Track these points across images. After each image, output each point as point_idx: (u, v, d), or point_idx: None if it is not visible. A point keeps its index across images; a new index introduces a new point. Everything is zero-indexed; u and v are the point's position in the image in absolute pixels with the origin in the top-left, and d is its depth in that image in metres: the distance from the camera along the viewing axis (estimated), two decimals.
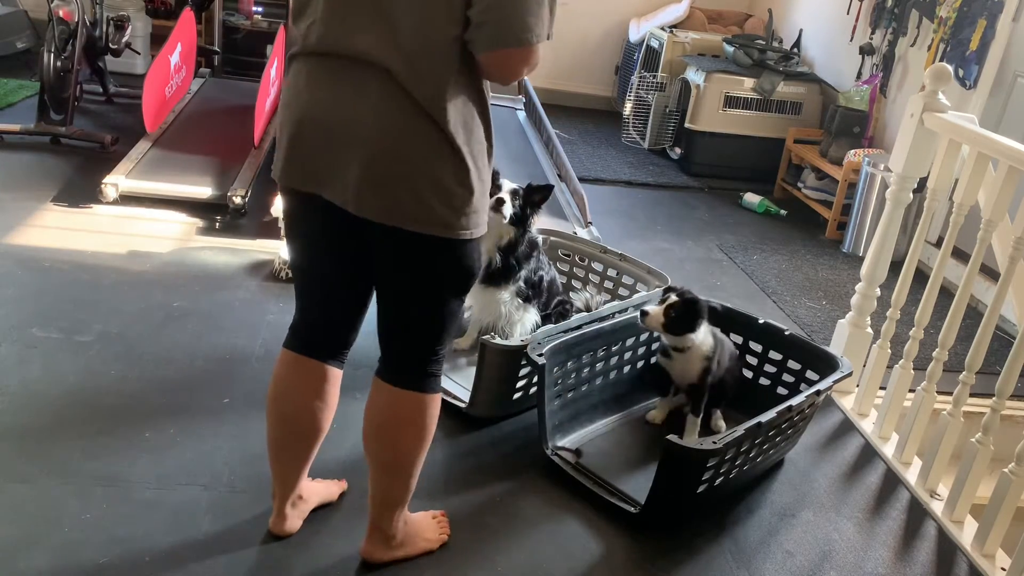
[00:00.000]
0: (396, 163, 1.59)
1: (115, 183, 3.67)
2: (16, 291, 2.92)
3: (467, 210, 1.65)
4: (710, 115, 5.35)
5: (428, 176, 1.60)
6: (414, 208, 1.60)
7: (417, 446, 1.86)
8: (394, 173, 1.59)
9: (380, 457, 1.89)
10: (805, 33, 5.79)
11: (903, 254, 2.83)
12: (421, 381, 1.81)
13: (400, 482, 1.90)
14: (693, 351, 2.48)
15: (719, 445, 2.07)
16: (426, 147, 1.58)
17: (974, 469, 2.39)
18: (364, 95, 1.58)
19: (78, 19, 4.23)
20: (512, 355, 2.44)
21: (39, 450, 2.18)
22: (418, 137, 1.57)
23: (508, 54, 1.56)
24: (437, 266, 1.70)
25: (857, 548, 2.31)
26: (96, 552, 1.90)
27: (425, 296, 1.75)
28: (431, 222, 1.62)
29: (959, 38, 4.36)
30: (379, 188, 1.60)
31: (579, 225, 3.95)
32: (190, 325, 2.86)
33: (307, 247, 1.81)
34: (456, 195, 1.62)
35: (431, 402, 1.83)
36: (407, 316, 1.78)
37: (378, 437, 1.87)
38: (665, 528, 2.25)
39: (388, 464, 1.89)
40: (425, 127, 1.56)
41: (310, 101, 1.63)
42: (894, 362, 2.80)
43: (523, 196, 2.68)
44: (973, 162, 2.49)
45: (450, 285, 1.74)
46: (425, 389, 1.82)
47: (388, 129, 1.57)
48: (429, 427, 1.85)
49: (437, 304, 1.76)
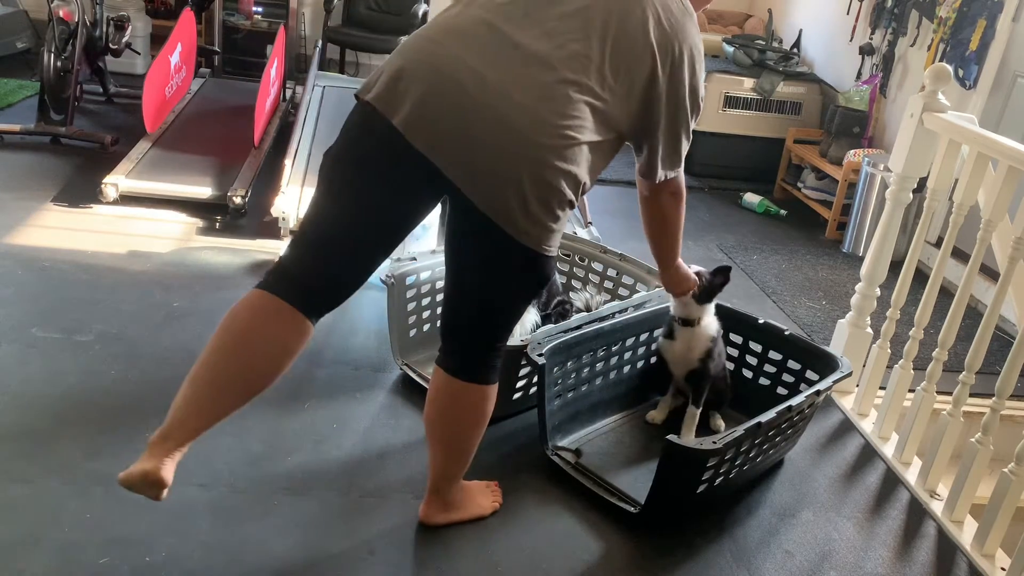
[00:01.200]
0: (532, 165, 1.65)
1: (115, 183, 3.67)
2: (16, 291, 2.92)
3: (559, 228, 1.76)
4: (710, 115, 5.35)
5: (550, 189, 1.68)
6: (523, 215, 1.67)
7: (477, 431, 1.98)
8: (522, 173, 1.65)
9: (442, 439, 2.00)
10: (805, 33, 5.80)
11: (903, 254, 2.83)
12: (484, 374, 1.90)
13: (461, 460, 2.04)
14: (700, 329, 2.51)
15: (719, 445, 2.07)
16: (563, 161, 1.67)
17: (974, 469, 2.39)
18: (532, 88, 1.63)
19: (78, 19, 4.24)
20: (512, 355, 2.44)
21: (39, 450, 2.18)
22: (563, 149, 1.66)
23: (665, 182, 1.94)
24: (521, 273, 1.78)
25: (857, 548, 2.31)
26: (96, 552, 1.90)
27: (501, 298, 1.84)
28: (530, 234, 1.70)
29: (959, 38, 4.36)
30: (502, 182, 1.65)
31: (579, 225, 3.95)
32: (190, 325, 2.86)
33: (362, 186, 1.71)
34: (558, 215, 1.72)
35: (492, 392, 1.94)
36: (479, 313, 1.86)
37: (441, 423, 1.97)
38: (665, 528, 2.25)
39: (449, 445, 2.00)
40: (574, 144, 1.68)
41: (466, 63, 1.63)
42: (894, 362, 2.80)
43: None
44: (973, 162, 2.49)
45: (525, 292, 1.86)
46: (487, 381, 1.92)
47: (541, 131, 1.64)
48: (488, 412, 1.96)
49: (508, 306, 1.86)
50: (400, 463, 2.35)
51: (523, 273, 1.78)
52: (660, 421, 2.68)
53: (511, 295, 1.84)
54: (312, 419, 2.43)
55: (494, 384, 1.93)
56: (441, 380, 1.92)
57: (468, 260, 1.82)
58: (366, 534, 2.07)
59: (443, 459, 2.03)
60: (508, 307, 1.87)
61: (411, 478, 2.28)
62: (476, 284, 1.82)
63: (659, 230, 2.10)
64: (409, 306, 2.75)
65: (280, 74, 4.78)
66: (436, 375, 1.93)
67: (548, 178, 1.66)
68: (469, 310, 1.86)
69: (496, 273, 1.79)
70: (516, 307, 1.88)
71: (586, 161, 1.73)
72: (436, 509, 2.11)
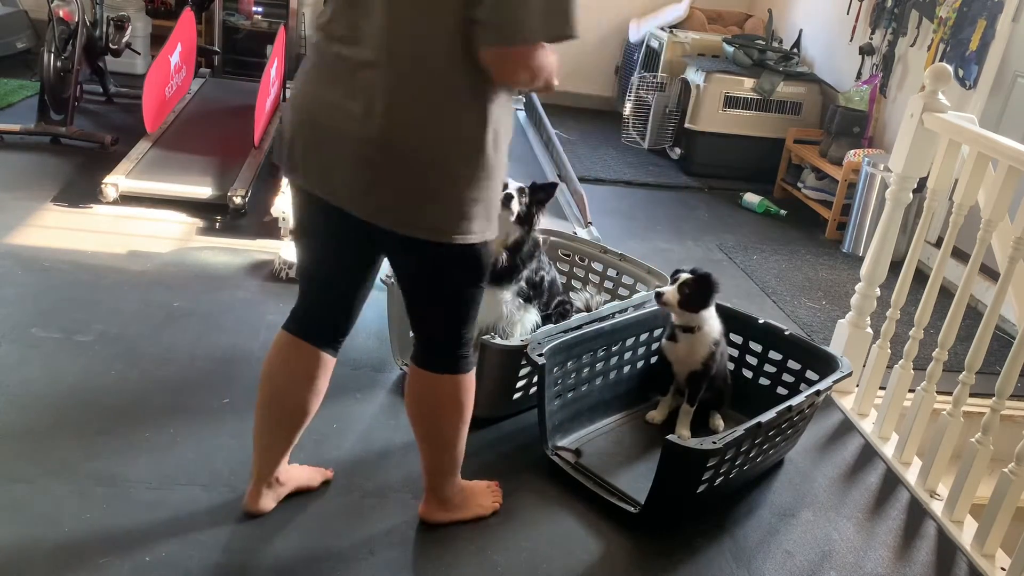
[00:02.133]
0: (403, 165, 1.61)
1: (115, 183, 3.67)
2: (16, 291, 2.92)
3: (481, 214, 1.68)
4: (710, 115, 5.35)
5: (440, 179, 1.62)
6: (423, 213, 1.64)
7: (457, 422, 1.97)
8: (401, 176, 1.62)
9: (425, 435, 2.00)
10: (805, 33, 5.80)
11: (903, 254, 2.83)
12: (453, 364, 1.89)
13: (447, 454, 2.02)
14: (702, 334, 2.50)
15: (719, 445, 2.07)
16: (436, 147, 1.61)
17: (974, 469, 2.39)
18: (362, 92, 1.59)
19: (78, 19, 4.24)
20: (512, 355, 2.44)
21: (39, 450, 2.18)
22: (428, 136, 1.60)
23: (500, 54, 1.52)
24: (450, 268, 1.76)
25: (857, 548, 2.31)
26: (96, 552, 1.90)
27: (441, 293, 1.82)
28: (441, 229, 1.65)
29: (959, 38, 4.36)
30: (383, 188, 1.64)
31: (579, 225, 3.95)
32: (190, 325, 2.86)
33: (313, 234, 1.85)
34: (456, 195, 1.64)
35: (465, 381, 1.92)
36: (428, 310, 1.86)
37: (421, 418, 1.98)
38: (665, 528, 2.25)
39: (433, 440, 2.00)
40: (434, 125, 1.59)
41: (313, 97, 1.68)
42: (894, 362, 2.80)
43: (528, 195, 2.67)
44: (973, 162, 2.49)
45: (465, 281, 1.80)
46: (457, 371, 1.90)
47: (394, 129, 1.59)
48: (466, 403, 1.95)
49: (454, 297, 1.83)
50: (400, 463, 2.35)
51: (453, 269, 1.77)
52: (660, 421, 2.68)
53: (450, 293, 1.82)
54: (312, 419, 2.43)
55: (467, 374, 1.92)
56: (414, 374, 1.93)
57: (400, 273, 1.85)
58: (366, 534, 2.07)
59: (429, 455, 2.03)
60: (455, 302, 1.84)
61: (411, 478, 2.28)
62: (414, 292, 1.86)
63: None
64: None
65: (280, 74, 4.78)
66: (409, 372, 1.94)
67: (418, 166, 1.62)
68: (421, 311, 1.88)
69: (426, 279, 1.81)
70: (464, 296, 1.84)
71: (458, 103, 1.60)
72: (435, 507, 2.11)
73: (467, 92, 1.59)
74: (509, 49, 1.51)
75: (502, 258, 2.68)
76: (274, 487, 2.07)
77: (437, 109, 1.59)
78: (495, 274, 2.70)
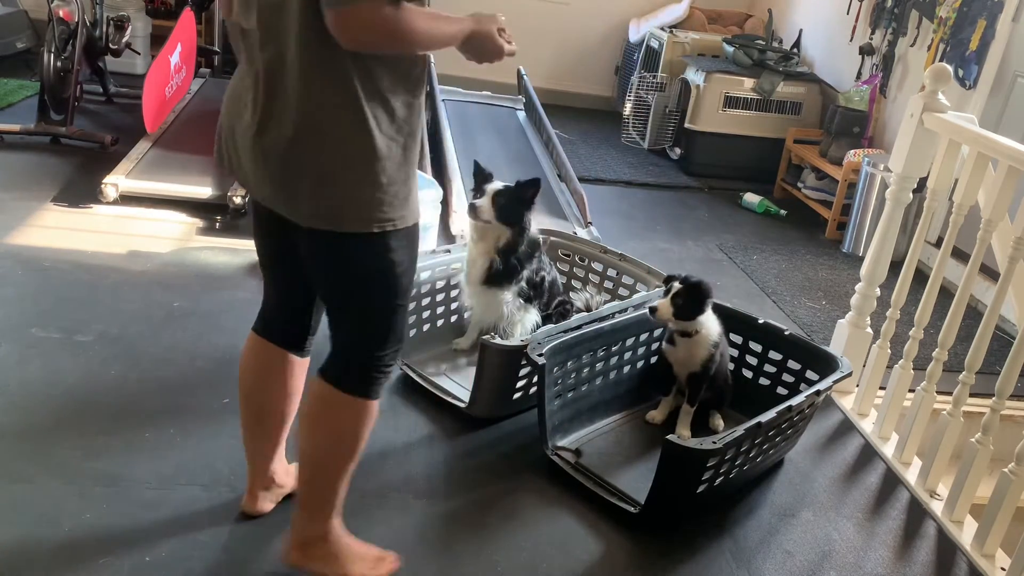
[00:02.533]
0: (285, 151, 1.54)
1: (115, 183, 3.67)
2: (16, 291, 2.92)
3: (378, 199, 1.55)
4: (710, 115, 5.35)
5: (325, 164, 1.53)
6: (312, 202, 1.55)
7: (345, 453, 1.77)
8: (285, 162, 1.55)
9: (305, 455, 1.81)
10: (805, 33, 5.79)
11: (903, 254, 2.83)
12: (361, 385, 1.72)
13: (314, 483, 1.81)
14: (700, 336, 2.50)
15: (719, 445, 2.07)
16: (312, 132, 1.51)
17: (974, 469, 2.39)
18: (252, 81, 1.56)
19: (78, 19, 4.24)
20: (512, 355, 2.44)
21: (39, 450, 2.18)
22: (303, 122, 1.51)
23: (337, 15, 1.40)
24: (352, 263, 1.62)
25: (857, 548, 2.31)
26: (96, 552, 1.90)
27: (348, 295, 1.68)
28: (332, 216, 1.55)
29: (959, 38, 4.36)
30: (276, 180, 1.58)
31: (579, 225, 3.95)
32: (190, 325, 2.86)
33: (257, 232, 1.84)
34: (361, 183, 1.54)
35: (368, 409, 1.74)
36: (339, 315, 1.72)
37: (308, 434, 1.79)
38: (665, 528, 2.25)
39: (312, 464, 1.81)
40: (306, 110, 1.50)
41: (229, 92, 1.66)
42: (894, 362, 2.80)
43: (513, 194, 2.66)
44: (973, 162, 2.49)
45: (373, 284, 1.65)
46: (364, 394, 1.72)
47: (273, 118, 1.53)
48: (361, 435, 1.75)
49: (365, 299, 1.67)
50: (400, 463, 2.35)
51: (359, 262, 1.62)
52: (660, 421, 2.68)
53: (360, 293, 1.67)
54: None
55: (363, 399, 1.72)
56: (314, 384, 1.75)
57: (310, 273, 1.72)
58: (366, 534, 2.06)
59: (302, 476, 1.83)
60: (367, 306, 1.68)
61: (411, 478, 2.28)
62: (325, 294, 1.74)
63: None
64: (409, 306, 2.75)
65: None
66: (314, 380, 1.76)
67: (300, 152, 1.53)
68: (334, 315, 1.74)
69: (332, 276, 1.67)
70: (374, 305, 1.67)
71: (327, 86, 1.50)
72: (295, 546, 1.86)
73: (333, 71, 1.48)
74: (343, 9, 1.38)
75: (496, 261, 2.69)
76: (272, 489, 2.06)
77: (305, 93, 1.50)
78: (493, 276, 2.70)
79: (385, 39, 1.43)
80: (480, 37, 1.60)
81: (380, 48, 1.47)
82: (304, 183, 1.55)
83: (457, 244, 2.94)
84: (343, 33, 1.40)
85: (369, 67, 1.49)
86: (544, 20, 6.32)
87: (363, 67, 1.48)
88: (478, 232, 2.70)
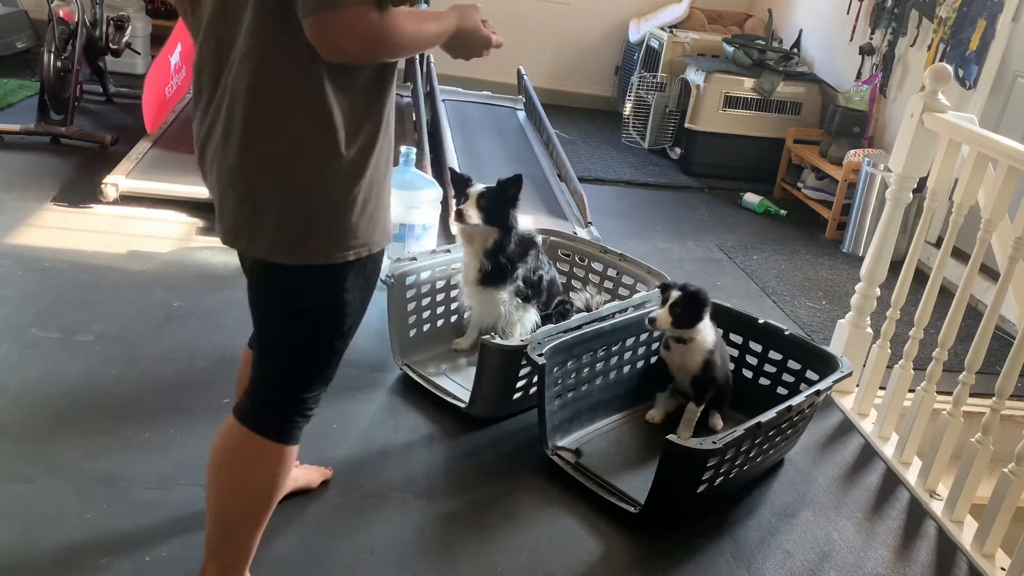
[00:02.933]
0: (229, 174, 1.40)
1: (115, 183, 3.67)
2: (16, 291, 2.92)
3: (335, 226, 1.40)
4: (710, 115, 5.35)
5: (264, 188, 1.38)
6: (249, 228, 1.40)
7: (248, 499, 1.60)
8: (230, 186, 1.41)
9: (209, 493, 1.62)
10: (805, 33, 5.80)
11: (903, 254, 2.83)
12: (280, 429, 1.56)
13: (227, 536, 1.64)
14: (695, 344, 2.50)
15: (719, 445, 2.07)
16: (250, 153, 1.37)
17: (974, 469, 2.39)
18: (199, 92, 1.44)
19: (78, 19, 4.24)
20: (512, 355, 2.44)
21: (39, 450, 2.18)
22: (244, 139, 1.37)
23: (317, 23, 1.25)
24: (295, 297, 1.47)
25: (857, 548, 2.31)
26: (96, 552, 1.90)
27: (283, 331, 1.52)
28: (265, 246, 1.40)
29: (959, 38, 4.36)
30: (222, 206, 1.44)
31: (579, 225, 3.95)
32: (190, 325, 2.86)
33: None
34: (317, 204, 1.38)
35: (286, 455, 1.57)
36: (264, 348, 1.56)
37: (217, 478, 1.61)
38: (665, 528, 2.25)
39: (214, 506, 1.63)
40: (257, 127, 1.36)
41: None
42: (894, 362, 2.80)
43: (496, 194, 2.66)
44: (973, 162, 2.49)
45: (315, 321, 1.49)
46: (283, 439, 1.56)
47: (214, 134, 1.41)
48: (278, 482, 1.59)
49: (298, 340, 1.51)
50: (400, 463, 2.35)
51: (297, 298, 1.47)
52: (659, 420, 2.68)
53: (285, 328, 1.51)
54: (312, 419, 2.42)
55: (279, 444, 1.56)
56: (228, 425, 1.58)
57: (250, 300, 1.57)
58: (366, 534, 2.07)
59: (212, 528, 1.65)
60: (291, 343, 1.51)
61: (411, 478, 2.28)
62: (256, 326, 1.58)
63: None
64: (409, 306, 2.75)
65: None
66: (227, 421, 1.59)
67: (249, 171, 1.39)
68: (259, 351, 1.58)
69: (258, 305, 1.54)
70: (304, 343, 1.51)
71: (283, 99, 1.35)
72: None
73: (289, 82, 1.34)
74: (327, 16, 1.24)
75: (485, 263, 2.69)
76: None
77: (256, 107, 1.35)
78: (486, 277, 2.70)
79: (372, 48, 1.30)
80: (466, 32, 1.48)
81: (364, 58, 1.33)
82: (250, 205, 1.39)
83: (457, 244, 2.94)
84: (327, 42, 1.27)
85: (328, 70, 1.34)
86: (544, 20, 6.32)
87: (320, 70, 1.34)
88: (466, 236, 2.70)
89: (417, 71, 5.26)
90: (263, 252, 1.42)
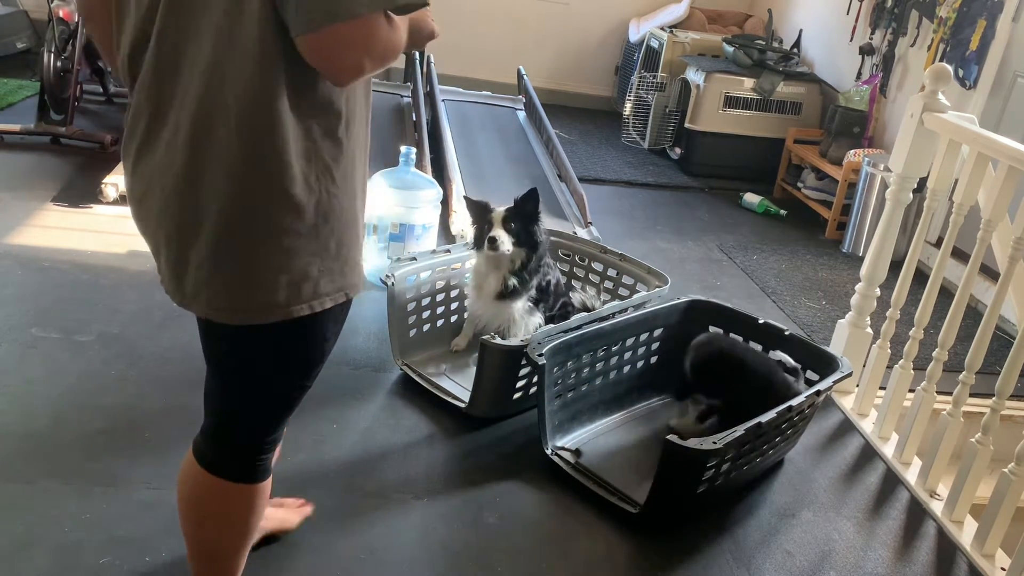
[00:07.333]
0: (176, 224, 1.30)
1: (115, 183, 3.67)
2: (16, 291, 2.92)
3: (293, 280, 1.25)
4: (710, 115, 5.35)
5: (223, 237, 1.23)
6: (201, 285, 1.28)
7: (224, 537, 1.56)
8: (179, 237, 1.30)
9: (185, 530, 1.59)
10: (805, 33, 5.80)
11: (903, 254, 2.83)
12: (250, 471, 1.48)
13: (201, 561, 1.62)
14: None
15: (719, 445, 2.07)
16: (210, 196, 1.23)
17: (974, 469, 2.39)
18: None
19: (78, 19, 4.23)
20: (512, 355, 2.44)
21: (39, 450, 2.18)
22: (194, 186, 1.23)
23: (331, 35, 1.10)
24: (261, 353, 1.36)
25: (857, 548, 2.31)
26: (96, 552, 1.90)
27: (244, 381, 1.42)
28: (227, 307, 1.27)
29: (959, 38, 4.36)
30: (168, 263, 1.34)
31: (579, 225, 3.95)
32: (190, 325, 2.83)
33: None
34: (273, 262, 1.24)
35: (260, 491, 1.51)
36: (221, 390, 1.45)
37: (183, 513, 1.56)
38: (665, 528, 2.25)
39: (193, 543, 1.59)
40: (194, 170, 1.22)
41: None
42: (894, 362, 2.80)
43: (518, 212, 2.65)
44: (973, 162, 2.49)
45: (281, 370, 1.39)
46: (253, 479, 1.49)
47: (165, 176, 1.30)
48: (256, 514, 1.54)
49: (263, 388, 1.41)
50: (400, 463, 2.35)
51: (260, 356, 1.36)
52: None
53: (259, 389, 1.41)
54: (312, 419, 2.43)
55: (253, 484, 1.49)
56: (195, 474, 1.50)
57: (206, 356, 1.48)
58: (366, 534, 2.07)
59: (192, 564, 1.64)
60: (255, 390, 1.41)
61: (411, 478, 2.28)
62: (215, 380, 1.47)
63: None
64: (409, 306, 2.75)
65: None
66: (190, 467, 1.52)
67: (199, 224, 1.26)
68: (220, 404, 1.48)
69: (229, 370, 1.42)
70: (270, 390, 1.41)
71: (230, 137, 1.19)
72: None
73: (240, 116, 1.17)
74: (342, 26, 1.08)
75: (511, 282, 2.68)
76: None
77: (199, 147, 1.21)
78: (509, 292, 2.69)
79: (384, 63, 1.17)
80: (418, 22, 1.29)
81: (366, 72, 1.17)
82: (198, 259, 1.27)
83: (457, 244, 2.94)
84: (340, 58, 1.12)
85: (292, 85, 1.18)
86: (544, 20, 6.32)
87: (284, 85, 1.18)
88: (493, 261, 2.68)
89: (417, 71, 5.25)
90: (222, 314, 1.33)
